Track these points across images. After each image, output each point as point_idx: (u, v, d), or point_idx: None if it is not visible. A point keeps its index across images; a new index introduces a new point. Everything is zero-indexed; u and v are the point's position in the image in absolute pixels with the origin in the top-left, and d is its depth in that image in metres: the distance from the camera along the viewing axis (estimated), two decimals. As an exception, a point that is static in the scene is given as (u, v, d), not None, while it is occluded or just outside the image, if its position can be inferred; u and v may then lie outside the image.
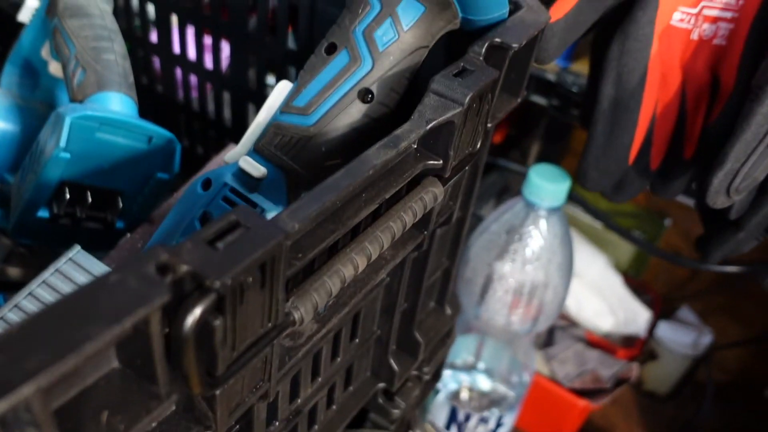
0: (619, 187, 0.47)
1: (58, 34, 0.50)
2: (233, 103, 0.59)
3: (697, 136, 0.45)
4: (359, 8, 0.36)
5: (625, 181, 0.46)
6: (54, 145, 0.41)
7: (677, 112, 0.44)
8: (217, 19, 0.55)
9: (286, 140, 0.36)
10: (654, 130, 0.44)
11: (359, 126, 0.36)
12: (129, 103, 0.47)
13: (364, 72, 0.36)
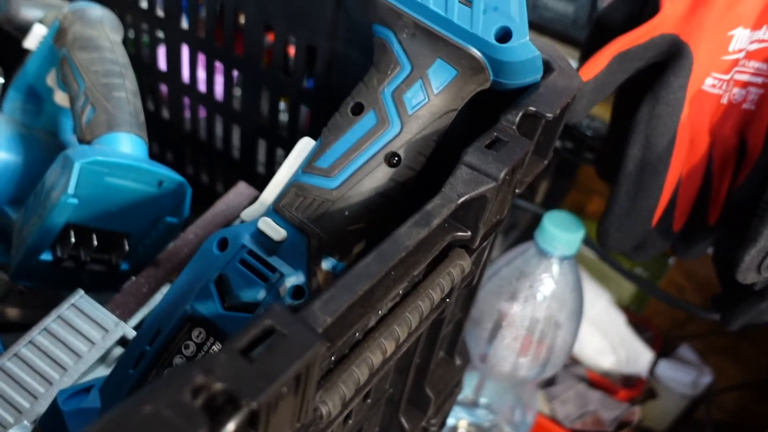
0: (640, 247, 0.46)
1: (66, 66, 0.48)
2: (243, 137, 0.57)
3: (723, 200, 0.44)
4: (389, 68, 0.35)
5: (646, 242, 0.45)
6: (62, 191, 0.40)
7: (703, 175, 0.43)
8: (230, 53, 0.53)
9: (308, 202, 0.35)
10: (679, 193, 0.43)
11: (384, 190, 0.35)
12: (139, 144, 0.45)
13: (392, 135, 0.35)
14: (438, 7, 0.33)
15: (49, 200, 0.41)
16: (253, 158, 0.58)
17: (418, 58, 0.34)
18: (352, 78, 0.47)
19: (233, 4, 0.50)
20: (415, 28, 0.34)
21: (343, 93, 0.49)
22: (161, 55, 0.59)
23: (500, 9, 0.32)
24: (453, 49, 0.34)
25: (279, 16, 0.49)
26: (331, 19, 0.46)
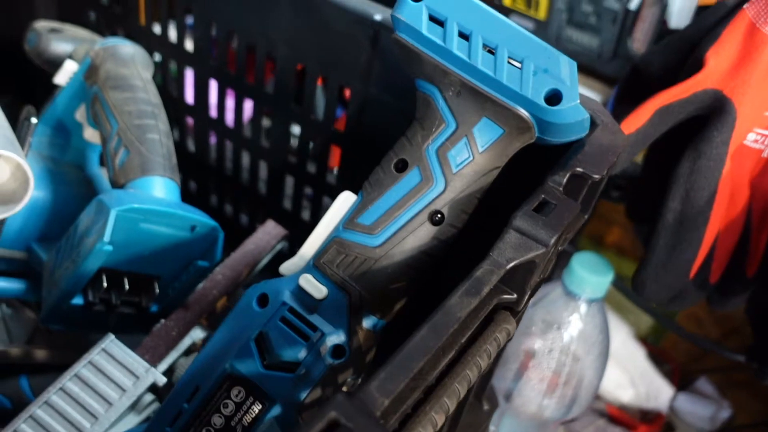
0: (676, 298, 0.45)
1: (98, 104, 0.48)
2: (270, 172, 0.57)
3: (761, 253, 0.43)
4: (433, 125, 0.35)
5: (682, 294, 0.45)
6: (97, 238, 0.39)
7: (742, 228, 0.43)
8: (260, 90, 0.53)
9: (350, 260, 0.34)
10: (717, 246, 0.43)
11: (427, 248, 0.35)
12: (172, 187, 0.45)
13: (436, 193, 0.34)
14: (486, 67, 0.32)
15: (84, 246, 0.40)
16: (279, 194, 0.57)
17: (464, 116, 0.34)
18: (384, 120, 0.47)
19: (265, 43, 0.50)
20: (462, 87, 0.34)
21: (375, 134, 0.48)
22: (188, 88, 0.58)
23: (550, 71, 0.32)
24: (500, 109, 0.33)
25: (312, 57, 0.48)
26: (365, 62, 0.46)
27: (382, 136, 0.47)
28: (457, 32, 0.33)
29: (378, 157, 0.49)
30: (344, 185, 0.52)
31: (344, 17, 0.45)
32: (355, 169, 0.51)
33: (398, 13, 0.34)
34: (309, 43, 0.48)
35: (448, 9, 0.33)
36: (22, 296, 0.49)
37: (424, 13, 0.33)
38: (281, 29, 0.48)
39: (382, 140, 0.48)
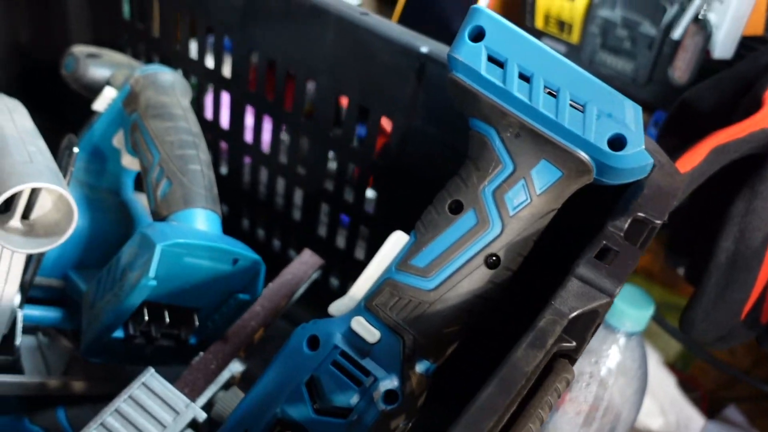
0: (725, 338, 0.44)
1: (138, 133, 0.48)
2: (305, 199, 0.56)
3: (814, 294, 0.42)
4: (489, 167, 0.34)
5: (732, 333, 0.44)
6: (142, 273, 0.39)
7: (795, 268, 0.42)
8: (298, 118, 0.52)
9: (404, 303, 0.34)
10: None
11: (482, 292, 0.34)
12: (214, 219, 0.44)
13: (492, 236, 0.34)
14: (548, 110, 0.32)
15: (127, 280, 0.40)
16: (314, 221, 0.57)
17: (522, 157, 0.33)
18: (428, 152, 0.47)
19: (306, 71, 0.50)
20: (521, 128, 0.33)
21: (418, 165, 0.48)
22: (224, 112, 0.58)
23: (615, 116, 0.31)
24: (560, 152, 0.32)
25: (354, 87, 0.48)
26: (410, 94, 0.45)
27: (425, 167, 0.47)
28: (517, 74, 0.32)
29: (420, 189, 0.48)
30: (382, 215, 0.52)
31: (390, 49, 0.45)
32: (395, 199, 0.50)
33: (456, 53, 0.33)
34: (352, 74, 0.47)
35: (508, 50, 0.32)
36: (59, 325, 0.48)
37: (484, 54, 0.33)
38: (324, 59, 0.48)
39: (424, 172, 0.47)
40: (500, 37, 0.33)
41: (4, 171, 0.39)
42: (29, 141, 0.43)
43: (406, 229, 0.50)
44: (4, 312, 0.42)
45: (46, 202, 0.42)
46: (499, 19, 0.33)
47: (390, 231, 0.52)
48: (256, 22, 0.51)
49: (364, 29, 0.45)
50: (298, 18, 0.48)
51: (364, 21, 0.45)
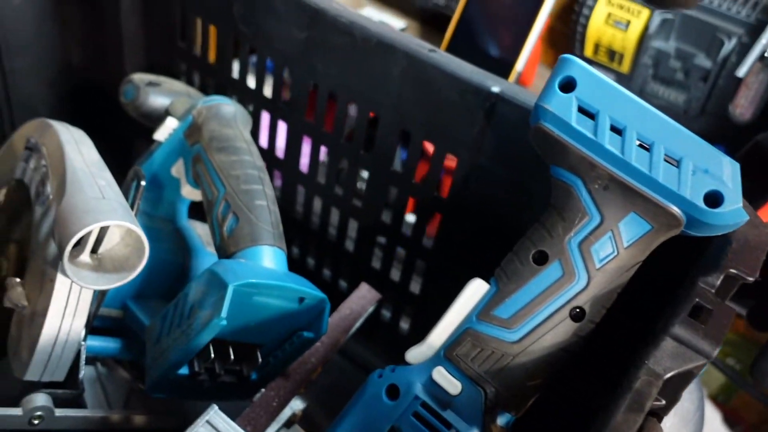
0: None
1: (201, 165, 0.48)
2: (360, 231, 0.56)
3: None
4: (576, 218, 0.33)
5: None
6: (214, 313, 0.38)
7: None
8: (358, 151, 0.52)
9: (486, 354, 0.33)
10: None
11: (566, 345, 0.33)
12: (281, 256, 0.44)
13: (578, 289, 0.33)
14: (641, 163, 0.31)
15: (197, 318, 0.40)
16: (369, 253, 0.56)
17: (610, 210, 0.33)
18: (493, 191, 0.46)
19: (369, 106, 0.50)
20: (610, 181, 0.32)
21: (482, 203, 0.47)
22: (280, 141, 0.58)
23: (711, 172, 0.31)
24: (651, 206, 0.32)
25: (418, 123, 0.48)
26: (477, 133, 0.45)
27: (489, 206, 0.47)
28: (609, 126, 0.32)
29: (483, 227, 0.48)
30: (442, 251, 0.51)
31: (458, 87, 0.44)
32: (456, 235, 0.50)
33: (545, 103, 0.33)
34: (416, 109, 0.47)
35: (600, 101, 0.32)
36: (118, 355, 0.48)
37: (574, 105, 0.32)
38: (388, 93, 0.48)
39: (489, 210, 0.47)
40: (591, 88, 0.32)
41: (78, 208, 0.39)
42: (98, 174, 0.43)
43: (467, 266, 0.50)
44: (72, 347, 0.42)
45: (114, 236, 0.42)
46: (591, 70, 0.32)
47: (450, 266, 0.51)
48: (319, 55, 0.50)
49: (432, 66, 0.45)
50: (363, 52, 0.48)
51: (432, 58, 0.45)
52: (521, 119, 0.42)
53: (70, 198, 0.40)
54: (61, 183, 0.42)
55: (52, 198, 0.43)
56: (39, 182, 0.45)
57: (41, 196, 0.44)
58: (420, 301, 0.55)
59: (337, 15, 0.48)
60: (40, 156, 0.46)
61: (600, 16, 0.71)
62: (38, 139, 0.47)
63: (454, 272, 0.51)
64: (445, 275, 0.52)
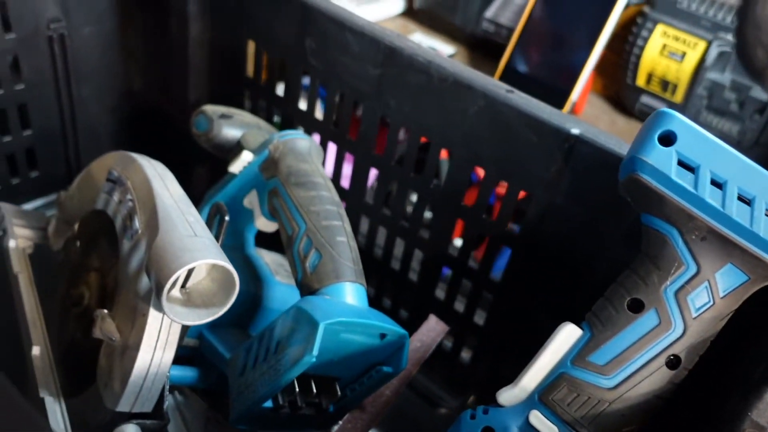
0: None
1: (279, 200, 0.49)
2: (424, 262, 0.57)
3: None
4: (671, 267, 0.34)
5: None
6: (305, 351, 0.39)
7: None
8: (427, 185, 0.53)
9: (582, 400, 0.34)
10: None
11: (661, 393, 0.34)
12: (362, 293, 0.45)
13: (674, 338, 0.34)
14: (741, 217, 0.32)
15: (286, 355, 0.41)
16: (433, 284, 0.57)
17: (707, 260, 0.33)
18: (569, 230, 0.47)
19: (440, 141, 0.51)
20: (708, 232, 0.33)
21: (556, 242, 0.48)
22: (346, 171, 0.59)
23: (812, 227, 0.31)
24: (750, 257, 0.33)
25: (492, 161, 0.48)
26: (555, 173, 0.46)
27: (563, 244, 0.47)
28: (709, 180, 0.32)
29: (554, 264, 0.49)
30: (510, 284, 0.52)
31: (537, 128, 0.45)
32: (527, 270, 0.51)
33: (644, 156, 0.33)
34: (491, 147, 0.48)
35: (700, 155, 0.33)
36: (195, 384, 0.49)
37: (674, 159, 0.33)
38: (462, 131, 0.49)
39: (562, 248, 0.48)
40: (692, 142, 0.33)
41: (174, 245, 0.41)
42: (186, 210, 0.45)
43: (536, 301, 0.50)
44: (161, 378, 0.43)
45: (201, 271, 0.43)
46: (691, 124, 0.33)
47: (518, 300, 0.52)
48: (392, 91, 0.51)
49: (509, 106, 0.46)
50: (439, 90, 0.49)
51: (510, 99, 0.46)
52: (600, 161, 0.43)
53: (164, 235, 0.41)
54: (152, 219, 0.43)
55: (140, 233, 0.44)
56: (126, 216, 0.46)
57: (129, 230, 0.45)
58: (484, 333, 0.56)
59: (413, 54, 0.49)
60: (125, 189, 0.47)
61: (655, 48, 0.72)
62: (121, 172, 0.49)
63: (523, 306, 0.52)
64: (513, 308, 0.52)
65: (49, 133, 0.68)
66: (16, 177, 0.68)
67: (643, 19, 0.72)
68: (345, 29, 0.52)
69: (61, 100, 0.67)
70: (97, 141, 0.73)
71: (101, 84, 0.70)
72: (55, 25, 0.63)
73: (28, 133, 0.66)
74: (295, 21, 0.55)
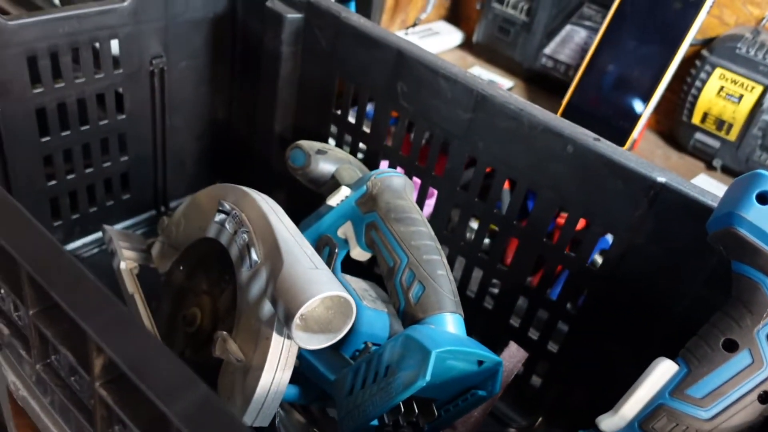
0: None
1: (379, 233, 0.53)
2: (502, 292, 0.61)
3: None
4: (764, 312, 0.38)
5: None
6: (418, 376, 0.43)
7: None
8: (510, 221, 0.57)
9: (681, 430, 0.38)
10: None
11: (754, 425, 0.38)
12: (461, 323, 0.49)
13: (765, 375, 0.37)
14: (831, 270, 0.36)
15: (397, 379, 0.45)
16: (509, 312, 0.61)
17: (797, 307, 0.37)
18: (650, 270, 0.51)
19: (527, 183, 0.55)
20: (798, 282, 0.37)
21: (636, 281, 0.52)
22: (428, 203, 0.63)
23: None
24: (837, 306, 0.36)
25: (576, 204, 0.52)
26: (638, 217, 0.49)
27: (643, 282, 0.51)
28: (802, 236, 0.36)
29: (635, 302, 0.52)
30: (586, 317, 0.56)
31: (623, 175, 0.49)
32: (603, 305, 0.54)
33: (742, 212, 0.37)
34: (577, 190, 0.52)
35: (794, 213, 0.37)
36: (296, 400, 0.54)
37: (770, 216, 0.37)
38: (549, 174, 0.53)
39: (642, 287, 0.51)
40: (787, 201, 0.37)
41: (300, 278, 0.45)
42: (302, 243, 0.49)
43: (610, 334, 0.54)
44: (279, 396, 0.47)
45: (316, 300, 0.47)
46: (785, 185, 0.37)
47: (593, 332, 0.56)
48: (481, 134, 0.56)
49: (596, 154, 0.50)
50: (529, 136, 0.53)
51: (597, 147, 0.50)
52: (683, 207, 0.47)
53: (289, 268, 0.46)
54: (273, 251, 0.48)
55: (260, 263, 0.48)
56: (243, 247, 0.51)
57: (246, 259, 0.50)
58: (557, 359, 0.59)
59: (505, 102, 0.53)
60: (240, 222, 0.52)
61: (712, 89, 0.76)
62: (234, 205, 0.53)
63: (597, 337, 0.55)
64: (588, 339, 0.56)
65: (142, 159, 0.73)
66: (111, 199, 0.73)
67: (702, 62, 0.76)
68: (438, 75, 0.57)
69: (155, 129, 0.72)
70: (182, 167, 0.78)
71: (190, 114, 0.75)
72: (157, 60, 0.68)
73: (125, 158, 0.71)
74: (389, 65, 0.60)
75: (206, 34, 0.71)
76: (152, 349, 0.29)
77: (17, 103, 0.59)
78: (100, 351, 0.30)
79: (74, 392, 0.36)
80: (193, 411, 0.27)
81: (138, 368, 0.28)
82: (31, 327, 0.35)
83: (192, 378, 0.28)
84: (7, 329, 0.38)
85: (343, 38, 0.63)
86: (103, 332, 0.29)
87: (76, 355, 0.32)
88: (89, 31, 0.60)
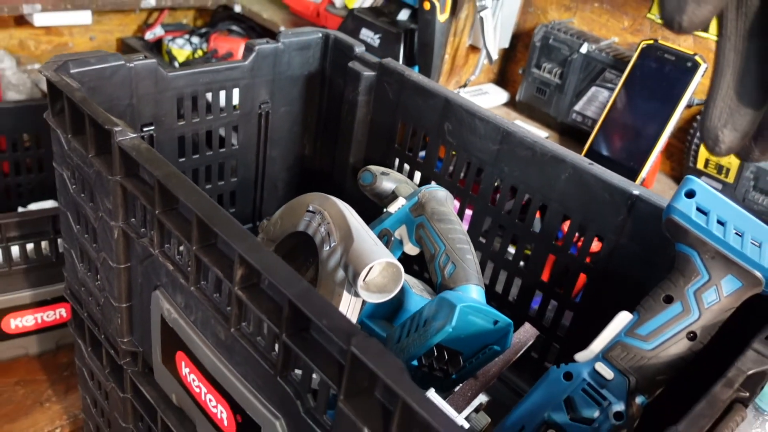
0: None
1: (425, 231, 0.71)
2: (523, 288, 0.77)
3: None
4: (692, 276, 0.53)
5: None
6: (446, 323, 0.60)
7: None
8: (527, 230, 0.74)
9: (630, 356, 0.53)
10: None
11: (684, 356, 0.52)
12: (482, 292, 0.66)
13: (692, 320, 0.52)
14: (736, 244, 0.51)
15: (432, 327, 0.61)
16: (527, 302, 0.77)
17: (715, 272, 0.52)
18: (630, 263, 0.66)
19: (540, 198, 0.72)
20: (716, 253, 0.52)
21: (621, 271, 0.67)
22: (465, 217, 0.80)
23: (781, 251, 0.50)
24: (742, 271, 0.51)
25: (576, 213, 0.69)
26: (621, 221, 0.66)
27: (626, 271, 0.67)
28: (716, 220, 0.52)
29: (622, 287, 0.68)
30: (588, 305, 0.71)
31: (609, 189, 0.66)
32: (599, 293, 0.70)
33: (675, 204, 0.54)
34: (576, 203, 0.69)
35: (710, 205, 0.52)
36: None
37: (694, 206, 0.53)
38: (556, 190, 0.70)
39: (626, 275, 0.67)
40: (705, 197, 0.53)
41: (366, 250, 0.63)
42: (366, 229, 0.67)
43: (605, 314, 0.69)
44: (346, 339, 0.65)
45: (375, 270, 0.65)
46: (705, 186, 0.53)
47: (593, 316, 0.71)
48: (506, 160, 0.73)
49: (590, 174, 0.67)
50: (541, 162, 0.70)
51: (590, 168, 0.67)
52: (653, 213, 0.63)
53: (358, 243, 0.64)
54: (347, 234, 0.66)
55: (336, 243, 0.67)
56: (324, 234, 0.69)
57: (327, 242, 0.68)
58: (564, 341, 0.74)
59: (524, 136, 0.71)
60: (324, 217, 0.71)
61: (710, 139, 0.91)
62: (319, 206, 0.72)
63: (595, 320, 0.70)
64: (588, 322, 0.71)
65: (247, 181, 0.94)
66: (220, 211, 0.93)
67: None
68: (475, 117, 0.75)
69: (258, 158, 0.93)
70: (275, 189, 0.98)
71: (284, 148, 0.96)
72: (264, 105, 0.89)
73: (234, 180, 0.92)
74: (438, 110, 0.79)
75: (301, 87, 0.92)
76: (273, 261, 0.47)
77: (167, 131, 0.81)
78: (242, 261, 0.48)
79: (215, 305, 0.54)
80: (302, 294, 0.45)
81: (267, 269, 0.46)
82: (193, 259, 0.54)
83: (299, 277, 0.46)
84: (172, 266, 0.57)
85: (405, 91, 0.83)
86: (246, 250, 0.48)
87: (223, 272, 0.51)
88: (220, 82, 0.82)
